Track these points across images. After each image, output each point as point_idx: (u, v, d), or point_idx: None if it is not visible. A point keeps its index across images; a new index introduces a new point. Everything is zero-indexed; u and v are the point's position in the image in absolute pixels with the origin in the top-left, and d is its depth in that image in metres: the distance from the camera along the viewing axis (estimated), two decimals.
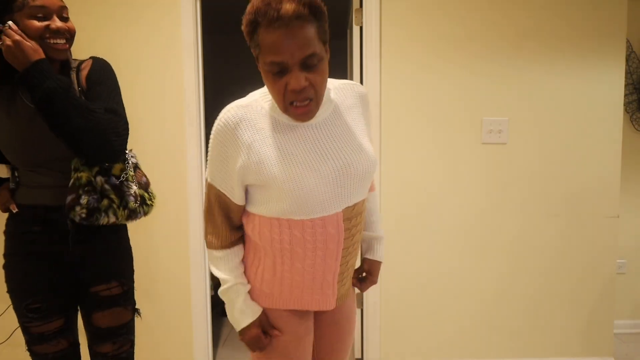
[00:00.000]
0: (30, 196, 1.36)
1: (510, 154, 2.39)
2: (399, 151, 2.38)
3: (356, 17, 2.43)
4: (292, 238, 1.07)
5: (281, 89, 0.98)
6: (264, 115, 1.06)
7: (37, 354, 1.37)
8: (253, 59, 1.06)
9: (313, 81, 0.98)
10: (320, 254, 1.08)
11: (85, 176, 1.30)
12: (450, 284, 2.44)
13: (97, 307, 1.41)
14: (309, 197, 1.03)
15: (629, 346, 2.82)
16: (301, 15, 0.93)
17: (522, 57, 2.35)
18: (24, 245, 1.36)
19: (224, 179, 1.08)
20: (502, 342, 2.47)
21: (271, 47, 0.94)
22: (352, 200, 1.09)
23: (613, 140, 2.40)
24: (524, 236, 2.43)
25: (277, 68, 0.96)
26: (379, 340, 2.46)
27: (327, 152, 1.06)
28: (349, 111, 1.13)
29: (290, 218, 1.05)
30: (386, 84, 2.36)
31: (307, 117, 1.02)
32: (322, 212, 1.05)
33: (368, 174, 1.10)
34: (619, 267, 2.94)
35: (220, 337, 3.00)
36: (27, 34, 1.23)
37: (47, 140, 1.29)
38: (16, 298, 1.36)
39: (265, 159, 1.03)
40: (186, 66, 2.31)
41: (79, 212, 1.28)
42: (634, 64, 2.85)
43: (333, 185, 1.05)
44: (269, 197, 1.06)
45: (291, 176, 1.02)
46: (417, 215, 2.41)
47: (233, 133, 1.03)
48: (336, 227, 1.07)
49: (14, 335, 2.41)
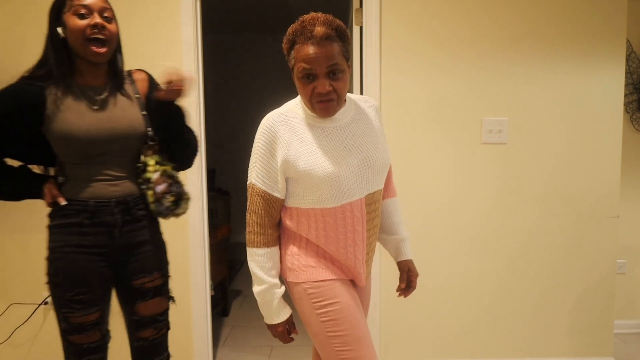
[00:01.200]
0: (80, 190, 1.41)
1: (510, 154, 2.39)
2: (398, 151, 2.38)
3: (356, 17, 2.43)
4: (326, 225, 1.29)
5: (309, 92, 1.24)
6: (298, 120, 1.30)
7: (73, 343, 1.42)
8: (253, 59, 1.08)
9: (336, 87, 1.23)
10: (350, 235, 1.30)
11: (169, 168, 1.50)
12: (450, 283, 2.44)
13: (141, 298, 1.50)
14: (340, 184, 1.26)
15: (629, 346, 2.82)
16: (329, 37, 1.20)
17: (522, 57, 2.36)
18: (71, 239, 1.40)
19: (267, 176, 1.29)
20: (502, 342, 2.47)
21: (304, 58, 1.21)
22: (372, 188, 1.33)
23: (613, 140, 2.40)
24: (524, 236, 2.43)
25: (308, 74, 1.22)
26: (379, 340, 2.46)
27: (352, 147, 1.30)
28: (365, 118, 1.38)
29: (324, 207, 1.28)
30: (386, 84, 2.36)
31: (328, 112, 1.25)
32: (350, 197, 1.28)
33: (384, 166, 1.34)
34: (619, 267, 2.94)
35: (220, 337, 3.00)
36: (71, 32, 1.36)
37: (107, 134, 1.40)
38: (61, 289, 1.40)
39: (302, 154, 1.26)
40: (186, 66, 2.31)
41: (169, 199, 1.46)
42: (634, 64, 2.85)
43: (357, 175, 1.28)
44: (305, 189, 1.28)
45: (325, 166, 1.25)
46: (417, 215, 2.41)
47: (275, 134, 1.27)
48: (360, 210, 1.30)
49: (14, 335, 2.42)
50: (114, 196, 1.43)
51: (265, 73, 5.35)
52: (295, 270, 1.34)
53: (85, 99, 1.41)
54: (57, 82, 1.39)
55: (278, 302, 1.33)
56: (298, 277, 1.33)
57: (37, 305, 2.38)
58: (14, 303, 2.39)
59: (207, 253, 2.46)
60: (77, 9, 1.35)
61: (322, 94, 1.21)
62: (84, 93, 1.41)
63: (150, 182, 1.46)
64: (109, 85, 1.46)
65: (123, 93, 1.48)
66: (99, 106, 1.42)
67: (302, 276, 1.32)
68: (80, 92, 1.41)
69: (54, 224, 1.43)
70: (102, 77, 1.46)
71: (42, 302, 2.38)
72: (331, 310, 1.29)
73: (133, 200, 1.46)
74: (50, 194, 1.42)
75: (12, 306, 2.39)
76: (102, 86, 1.45)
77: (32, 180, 1.46)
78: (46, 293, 2.38)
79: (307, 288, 1.32)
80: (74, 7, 1.35)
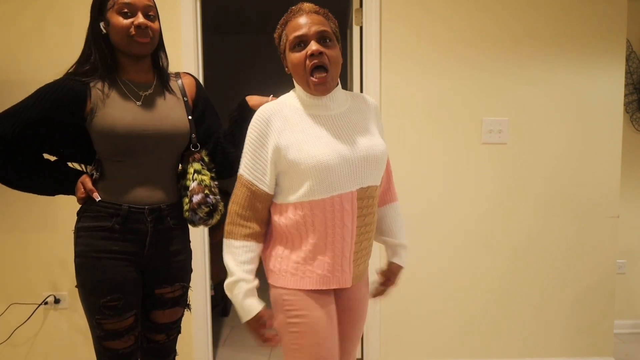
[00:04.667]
0: (114, 191, 1.38)
1: (510, 154, 2.39)
2: (398, 151, 2.38)
3: (356, 17, 2.43)
4: (314, 218, 1.23)
5: (302, 59, 1.22)
6: (292, 110, 1.28)
7: (109, 349, 1.40)
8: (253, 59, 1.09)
9: (328, 54, 1.21)
10: (339, 231, 1.25)
11: (208, 178, 1.46)
12: (450, 283, 2.44)
13: (159, 307, 1.49)
14: (329, 173, 1.21)
15: (629, 346, 2.82)
16: (318, 12, 1.25)
17: (522, 57, 2.36)
18: (101, 243, 1.37)
19: (256, 167, 1.26)
20: (502, 342, 2.47)
21: (294, 27, 1.23)
22: (365, 182, 1.27)
23: (613, 140, 2.40)
24: (524, 236, 2.43)
25: (299, 41, 1.22)
26: (379, 340, 2.46)
27: (345, 137, 1.26)
28: (362, 112, 1.35)
29: (312, 199, 1.22)
30: (386, 84, 2.36)
31: (324, 88, 1.23)
32: (339, 189, 1.23)
33: (379, 160, 1.29)
34: (619, 267, 2.94)
35: (220, 337, 3.00)
36: (115, 30, 1.34)
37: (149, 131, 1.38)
38: (93, 295, 1.36)
39: (293, 141, 1.22)
40: (186, 66, 2.31)
41: (204, 210, 1.43)
42: (634, 64, 2.85)
43: (349, 165, 1.23)
44: (294, 180, 1.23)
45: (314, 153, 1.21)
46: (417, 215, 2.41)
47: (267, 123, 1.24)
48: (351, 204, 1.24)
49: (14, 335, 2.42)
50: (149, 202, 1.40)
51: (265, 73, 5.34)
52: (275, 273, 1.29)
53: (129, 94, 1.39)
54: (102, 77, 1.37)
55: (244, 296, 1.24)
56: (277, 281, 1.28)
57: (37, 305, 2.38)
58: (14, 303, 2.39)
59: (207, 253, 2.46)
60: (121, 7, 1.32)
61: (315, 54, 1.19)
62: (129, 88, 1.39)
63: (188, 190, 1.43)
64: (154, 83, 1.44)
65: (170, 92, 1.46)
66: (143, 102, 1.39)
67: (281, 281, 1.28)
68: (124, 87, 1.39)
69: (83, 226, 1.39)
70: (146, 74, 1.44)
71: (42, 302, 2.38)
72: (300, 322, 1.25)
73: (167, 209, 1.43)
74: (84, 188, 1.38)
75: (12, 306, 2.39)
76: (147, 83, 1.43)
77: (68, 175, 1.42)
78: (46, 293, 2.38)
79: (283, 294, 1.27)
80: (118, 4, 1.33)
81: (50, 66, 2.29)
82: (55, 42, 2.31)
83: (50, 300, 2.38)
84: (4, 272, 2.39)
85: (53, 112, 1.32)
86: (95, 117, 1.34)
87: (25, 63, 2.32)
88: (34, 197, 2.30)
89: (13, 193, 2.27)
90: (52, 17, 2.30)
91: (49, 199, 2.32)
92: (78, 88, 1.34)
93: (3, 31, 2.30)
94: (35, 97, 1.33)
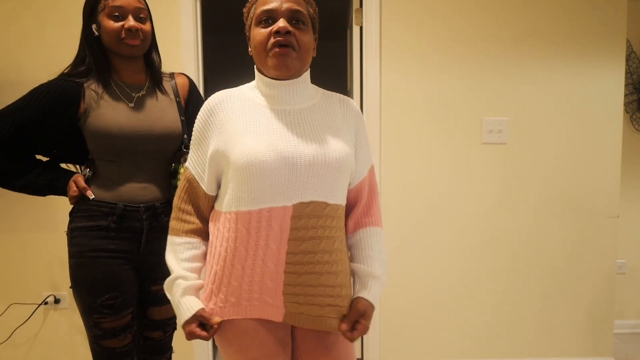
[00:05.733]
0: (108, 190, 1.38)
1: (510, 154, 2.39)
2: (398, 151, 2.38)
3: (356, 17, 2.43)
4: (237, 234, 1.04)
5: (266, 35, 1.03)
6: (242, 99, 1.11)
7: (106, 348, 1.40)
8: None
9: (298, 36, 1.04)
10: (261, 253, 1.03)
11: None
12: (450, 283, 2.44)
13: (155, 304, 1.50)
14: (262, 178, 1.00)
15: (629, 346, 2.82)
16: None
17: (522, 57, 2.36)
18: (96, 242, 1.37)
19: (197, 162, 1.13)
20: (502, 342, 2.47)
21: (265, 0, 1.04)
22: (307, 196, 1.03)
23: (613, 140, 2.40)
24: (524, 236, 2.43)
25: (266, 16, 1.03)
26: (379, 340, 2.46)
27: (293, 137, 1.04)
28: (331, 113, 1.13)
29: (239, 209, 1.03)
30: (386, 84, 2.36)
31: (284, 63, 1.03)
32: (271, 201, 1.01)
33: (332, 168, 1.05)
34: (619, 267, 2.94)
35: None
36: (106, 33, 1.35)
37: (141, 132, 1.38)
38: (91, 294, 1.37)
39: (233, 136, 1.05)
40: (186, 66, 2.31)
41: None
42: (634, 64, 2.85)
43: (290, 169, 1.01)
44: (225, 183, 1.07)
45: (246, 149, 1.01)
46: (417, 215, 2.41)
47: (210, 115, 1.09)
48: (280, 223, 1.02)
49: (14, 335, 2.41)
50: (143, 201, 1.40)
51: None
52: (207, 292, 1.11)
53: (122, 95, 1.40)
54: (95, 79, 1.38)
55: (181, 294, 1.07)
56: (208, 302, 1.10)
57: (37, 305, 2.38)
58: (14, 303, 2.39)
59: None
60: (112, 11, 1.33)
61: (281, 32, 1.01)
62: (121, 90, 1.40)
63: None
64: (147, 84, 1.45)
65: (163, 92, 1.47)
66: (136, 104, 1.40)
67: (211, 303, 1.09)
68: (117, 89, 1.40)
69: (77, 226, 1.38)
70: (139, 75, 1.45)
71: (42, 302, 2.38)
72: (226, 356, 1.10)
73: (161, 206, 1.44)
74: (77, 186, 1.38)
75: (12, 306, 2.39)
76: (140, 84, 1.44)
77: (60, 175, 1.42)
78: (46, 293, 2.38)
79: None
80: (108, 8, 1.33)
81: (50, 66, 2.29)
82: (55, 42, 2.31)
83: (50, 300, 2.38)
84: (4, 272, 2.39)
85: (46, 113, 1.33)
86: (89, 117, 1.35)
87: (25, 63, 2.31)
88: (34, 198, 2.30)
89: (13, 193, 2.26)
90: (52, 17, 2.30)
91: (49, 199, 2.32)
92: (72, 89, 1.35)
93: (3, 31, 2.30)
94: (29, 97, 1.34)
